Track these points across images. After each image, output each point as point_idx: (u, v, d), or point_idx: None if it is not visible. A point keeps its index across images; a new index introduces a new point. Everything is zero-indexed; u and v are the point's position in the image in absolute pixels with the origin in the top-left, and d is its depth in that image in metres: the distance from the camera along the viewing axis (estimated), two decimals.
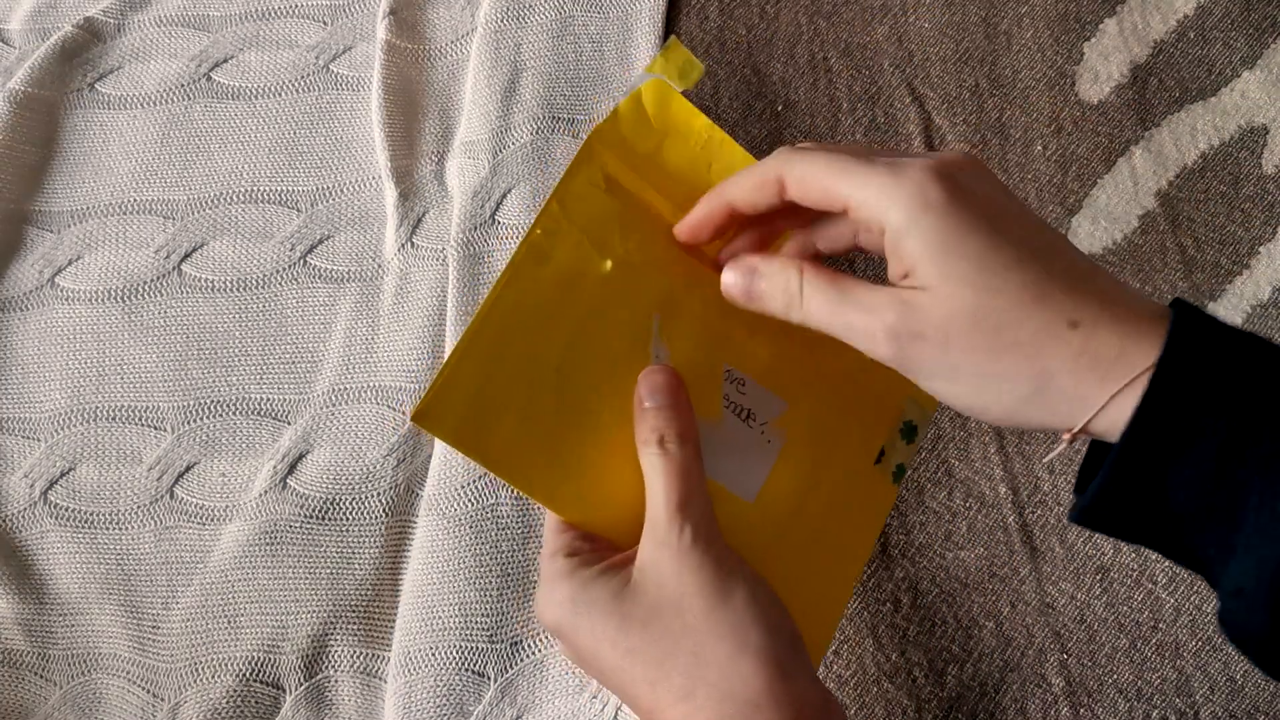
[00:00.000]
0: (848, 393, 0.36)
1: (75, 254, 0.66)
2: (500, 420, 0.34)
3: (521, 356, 0.34)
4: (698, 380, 0.35)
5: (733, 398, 0.35)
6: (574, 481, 0.35)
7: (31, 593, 0.58)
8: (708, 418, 0.35)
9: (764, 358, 0.36)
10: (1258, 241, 0.62)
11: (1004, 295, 0.29)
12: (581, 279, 0.34)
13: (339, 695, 0.56)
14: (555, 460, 0.34)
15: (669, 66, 0.36)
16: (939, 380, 0.30)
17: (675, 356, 0.35)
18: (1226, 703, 0.52)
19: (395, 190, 0.66)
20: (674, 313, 0.35)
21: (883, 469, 0.36)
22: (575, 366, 0.34)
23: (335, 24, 0.73)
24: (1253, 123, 0.65)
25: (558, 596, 0.34)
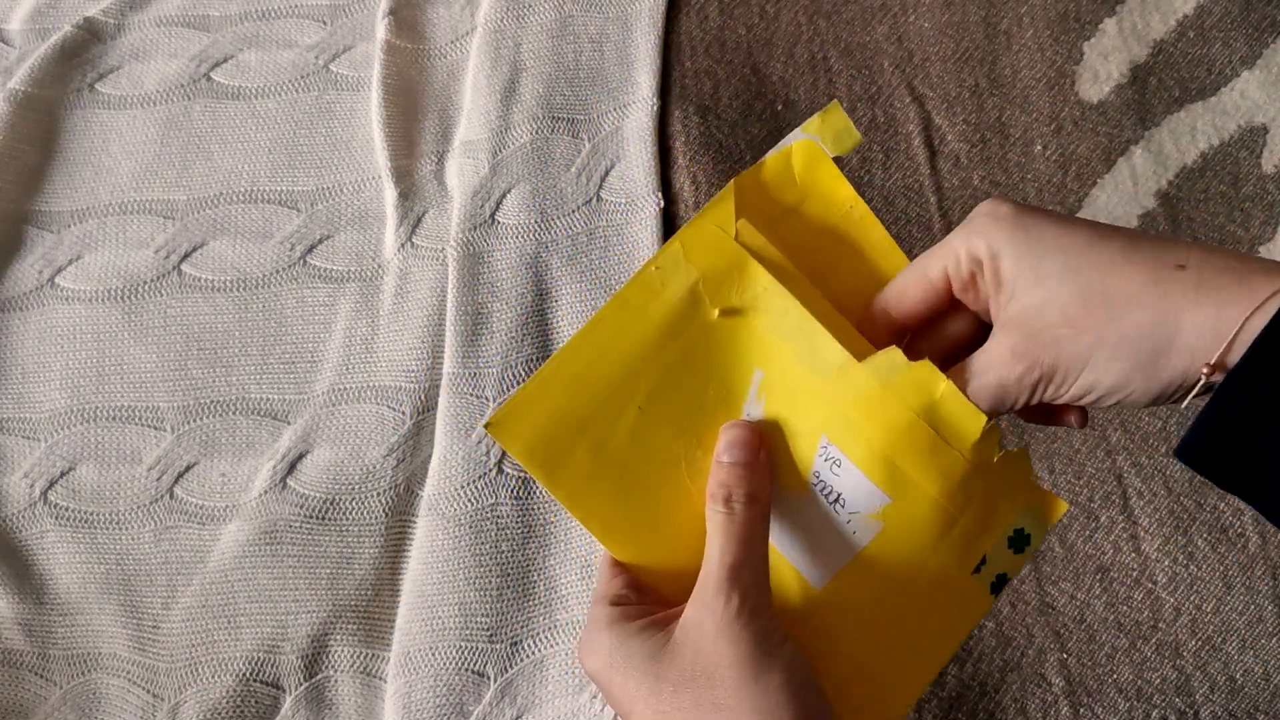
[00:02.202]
0: (963, 499, 0.33)
1: (75, 254, 0.66)
2: (574, 447, 0.33)
3: (607, 387, 0.33)
4: (787, 447, 0.33)
5: (824, 476, 0.33)
6: (633, 524, 0.34)
7: (31, 593, 0.58)
8: (789, 489, 0.33)
9: (874, 442, 0.32)
10: (1258, 241, 0.62)
11: (1100, 265, 0.30)
12: (687, 322, 0.33)
13: (339, 695, 0.56)
14: (619, 499, 0.34)
15: (825, 129, 0.34)
16: (1086, 374, 0.31)
17: (767, 418, 0.33)
18: (1226, 703, 0.52)
19: (395, 190, 0.66)
20: (780, 373, 0.33)
21: (981, 579, 0.33)
22: (659, 408, 0.33)
23: (335, 24, 0.73)
24: (1252, 122, 0.65)
25: (598, 645, 0.33)
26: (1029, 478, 0.34)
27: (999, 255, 0.31)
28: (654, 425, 0.33)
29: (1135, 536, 0.55)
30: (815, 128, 0.35)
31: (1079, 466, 0.57)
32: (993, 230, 0.32)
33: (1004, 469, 0.33)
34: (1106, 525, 0.56)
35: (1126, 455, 0.57)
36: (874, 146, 0.66)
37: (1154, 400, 0.31)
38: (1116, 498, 0.56)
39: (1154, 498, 0.56)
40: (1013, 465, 0.33)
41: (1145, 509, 0.56)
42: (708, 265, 0.33)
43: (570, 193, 0.65)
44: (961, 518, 0.33)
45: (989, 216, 0.32)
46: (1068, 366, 0.31)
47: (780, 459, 0.33)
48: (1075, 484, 0.57)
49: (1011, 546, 0.34)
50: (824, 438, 0.33)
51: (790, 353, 0.33)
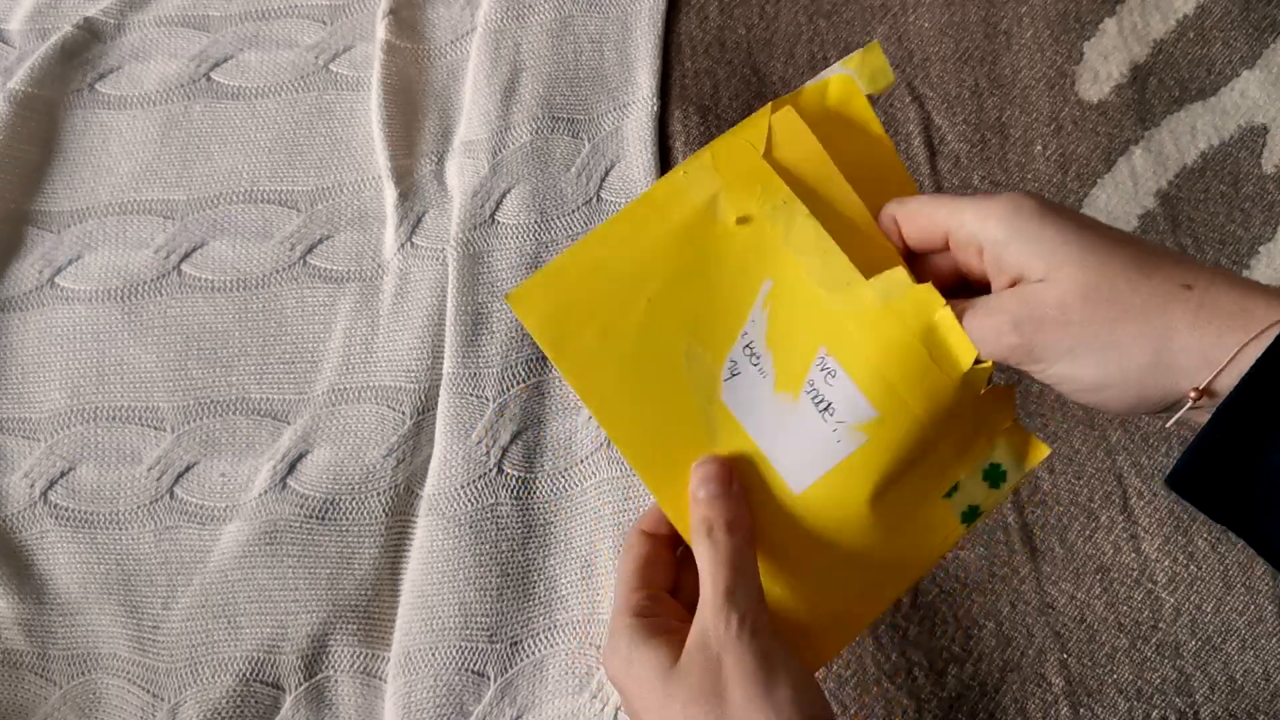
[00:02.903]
0: (944, 424, 0.34)
1: (75, 254, 0.66)
2: (583, 328, 0.35)
3: (622, 277, 0.35)
4: (788, 354, 0.34)
5: (818, 385, 0.34)
6: (631, 408, 0.35)
7: (31, 593, 0.58)
8: (785, 391, 0.34)
9: (870, 358, 0.34)
10: (1258, 241, 0.62)
11: (1112, 268, 0.30)
12: (705, 227, 0.35)
13: (339, 695, 0.56)
14: (620, 382, 0.35)
15: (863, 67, 0.36)
16: (1063, 363, 0.31)
17: (773, 324, 0.35)
18: (1226, 703, 0.52)
19: (395, 190, 0.66)
20: (789, 284, 0.34)
21: (952, 504, 0.35)
22: (669, 303, 0.35)
23: (335, 24, 0.73)
24: (1252, 122, 0.65)
25: (616, 653, 0.35)
26: (1011, 416, 0.35)
27: (1011, 243, 0.32)
28: (661, 318, 0.35)
29: (1135, 536, 0.55)
30: (854, 64, 0.36)
31: (1079, 467, 0.57)
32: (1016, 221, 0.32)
33: (988, 403, 0.34)
34: (1106, 525, 0.56)
35: (1126, 455, 0.57)
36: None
37: (1131, 410, 0.31)
38: (1116, 498, 0.56)
39: (1154, 498, 0.56)
40: (997, 401, 0.34)
41: (1145, 509, 0.56)
42: (733, 176, 0.35)
43: (570, 193, 0.65)
44: (940, 442, 0.34)
45: (1013, 209, 0.32)
46: (1055, 352, 0.31)
47: (780, 365, 0.34)
48: (1075, 484, 0.57)
49: (986, 479, 0.35)
50: (823, 349, 0.34)
51: (801, 265, 0.34)
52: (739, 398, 0.35)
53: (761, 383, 0.35)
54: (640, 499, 0.57)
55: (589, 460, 0.59)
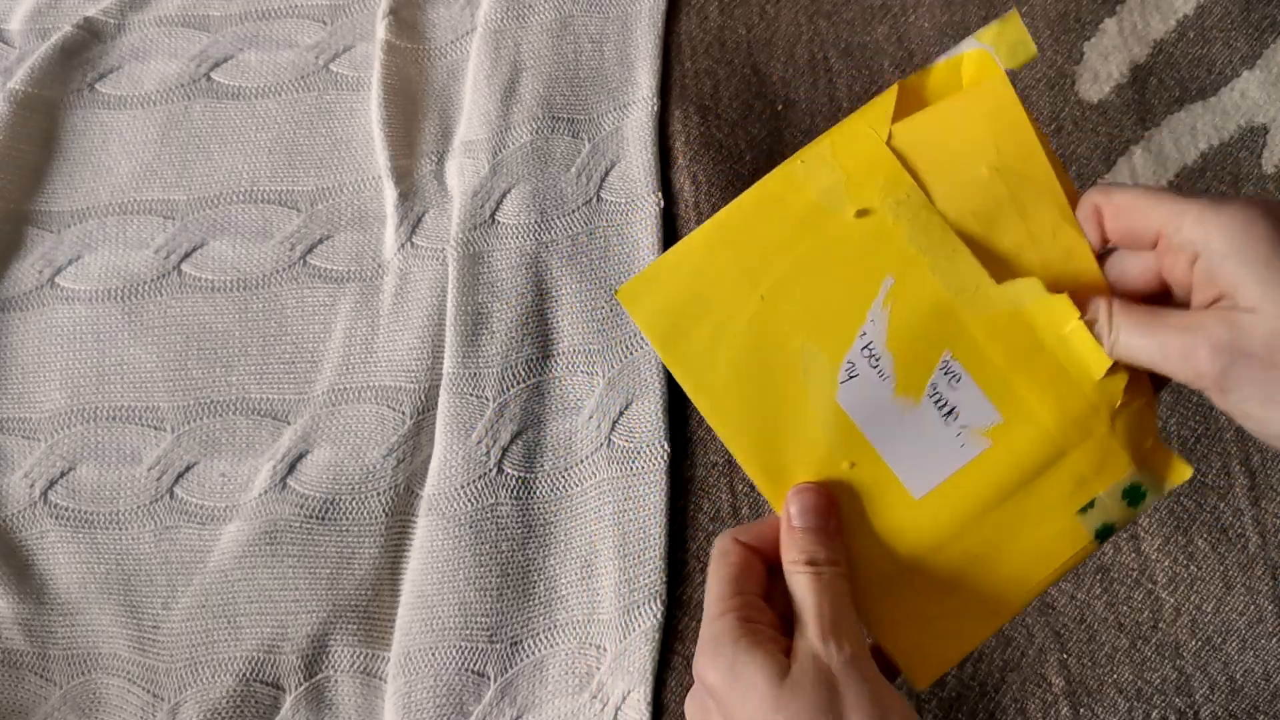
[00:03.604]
0: (1076, 435, 0.33)
1: (75, 254, 0.66)
2: (695, 325, 0.34)
3: (736, 272, 0.34)
4: (910, 357, 0.33)
5: (940, 388, 0.33)
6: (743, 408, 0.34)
7: (31, 593, 0.58)
8: (906, 396, 0.34)
9: (996, 363, 0.33)
10: None
11: None
12: (824, 219, 0.33)
13: (339, 695, 0.56)
14: (733, 382, 0.34)
15: (1000, 39, 0.33)
16: (1255, 404, 0.29)
17: (894, 325, 0.33)
18: (1226, 703, 0.52)
19: (395, 190, 0.66)
20: (912, 283, 0.33)
21: (1086, 520, 0.34)
22: (784, 300, 0.34)
23: (335, 24, 0.73)
24: (1253, 122, 0.65)
25: (721, 661, 0.33)
26: (1154, 433, 0.33)
27: (1229, 259, 0.30)
28: (776, 316, 0.34)
29: (1135, 536, 0.55)
30: (990, 37, 0.34)
31: None
32: (1241, 237, 0.30)
33: (1129, 418, 0.33)
34: None
35: None
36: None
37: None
38: None
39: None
40: (1138, 417, 0.33)
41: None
42: (853, 165, 0.33)
43: (570, 193, 0.65)
44: (1073, 453, 0.33)
45: (1242, 223, 0.30)
46: (1250, 390, 0.29)
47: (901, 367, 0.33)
48: None
49: (1125, 498, 0.34)
50: (947, 352, 0.33)
51: (926, 264, 0.33)
52: (857, 400, 0.34)
53: (881, 385, 0.34)
54: (640, 500, 0.57)
55: (589, 460, 0.59)
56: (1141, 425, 0.33)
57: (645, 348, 0.60)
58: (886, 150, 0.33)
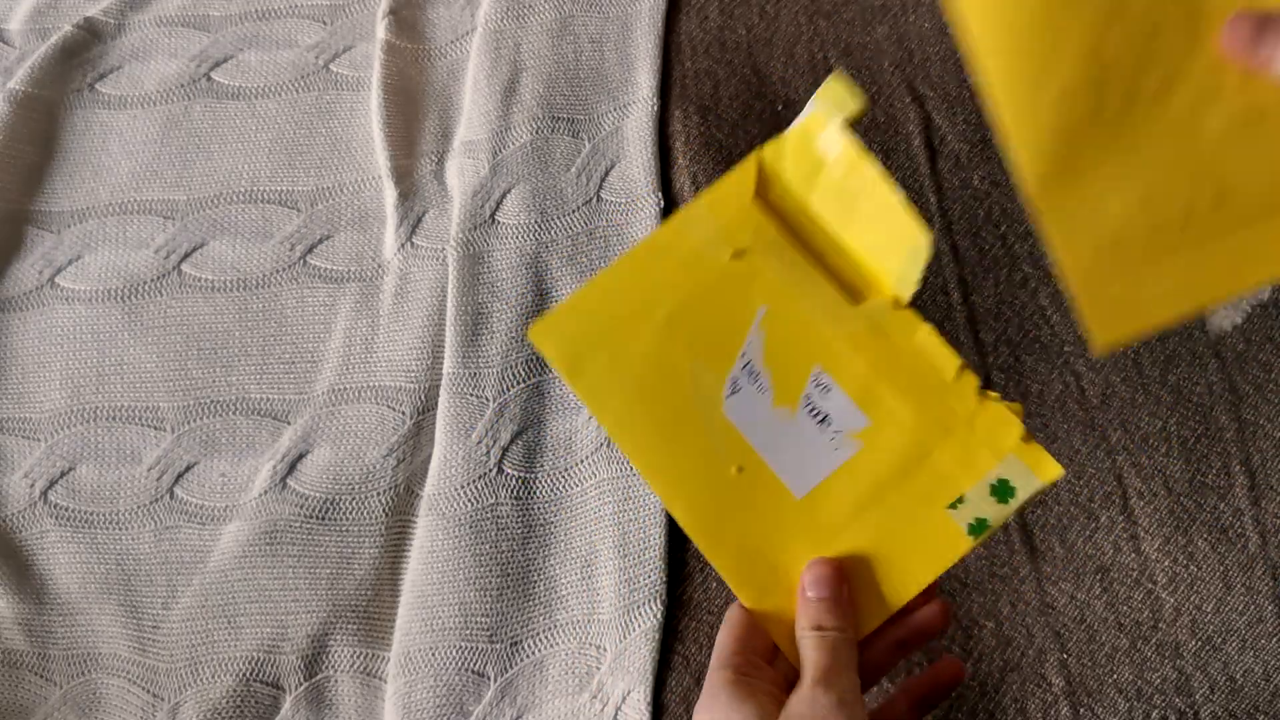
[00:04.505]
0: (938, 433, 0.37)
1: (75, 254, 0.66)
2: (596, 353, 0.39)
3: (630, 309, 0.39)
4: (785, 372, 0.38)
5: (814, 398, 0.38)
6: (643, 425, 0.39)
7: (31, 593, 0.58)
8: (783, 406, 0.38)
9: (860, 373, 0.37)
10: None
11: None
12: (704, 262, 0.39)
13: (339, 695, 0.56)
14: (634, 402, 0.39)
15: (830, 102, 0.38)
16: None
17: (769, 345, 0.38)
18: (1226, 703, 0.52)
19: (395, 190, 0.66)
20: (782, 310, 0.38)
21: (958, 515, 0.37)
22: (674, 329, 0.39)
23: (335, 24, 0.73)
24: None
25: (713, 707, 0.36)
26: (1018, 432, 0.36)
27: None
28: (667, 344, 0.39)
29: (1135, 536, 0.55)
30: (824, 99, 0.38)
31: (1079, 467, 0.57)
32: None
33: (988, 417, 0.36)
34: (1106, 525, 0.56)
35: (1126, 455, 0.57)
36: (874, 146, 0.66)
37: None
38: (1116, 498, 0.56)
39: (1154, 498, 0.56)
40: (999, 416, 0.36)
41: (1145, 509, 0.56)
42: (727, 218, 0.39)
43: (570, 193, 0.65)
44: (936, 450, 0.37)
45: None
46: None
47: (777, 381, 0.38)
48: (1075, 484, 0.57)
49: (994, 495, 0.36)
50: (817, 366, 0.38)
51: (793, 293, 0.38)
52: (741, 412, 0.38)
53: (761, 398, 0.38)
54: (640, 500, 0.57)
55: (589, 460, 0.59)
56: (1003, 423, 0.36)
57: None
58: (753, 205, 0.39)
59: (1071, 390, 0.58)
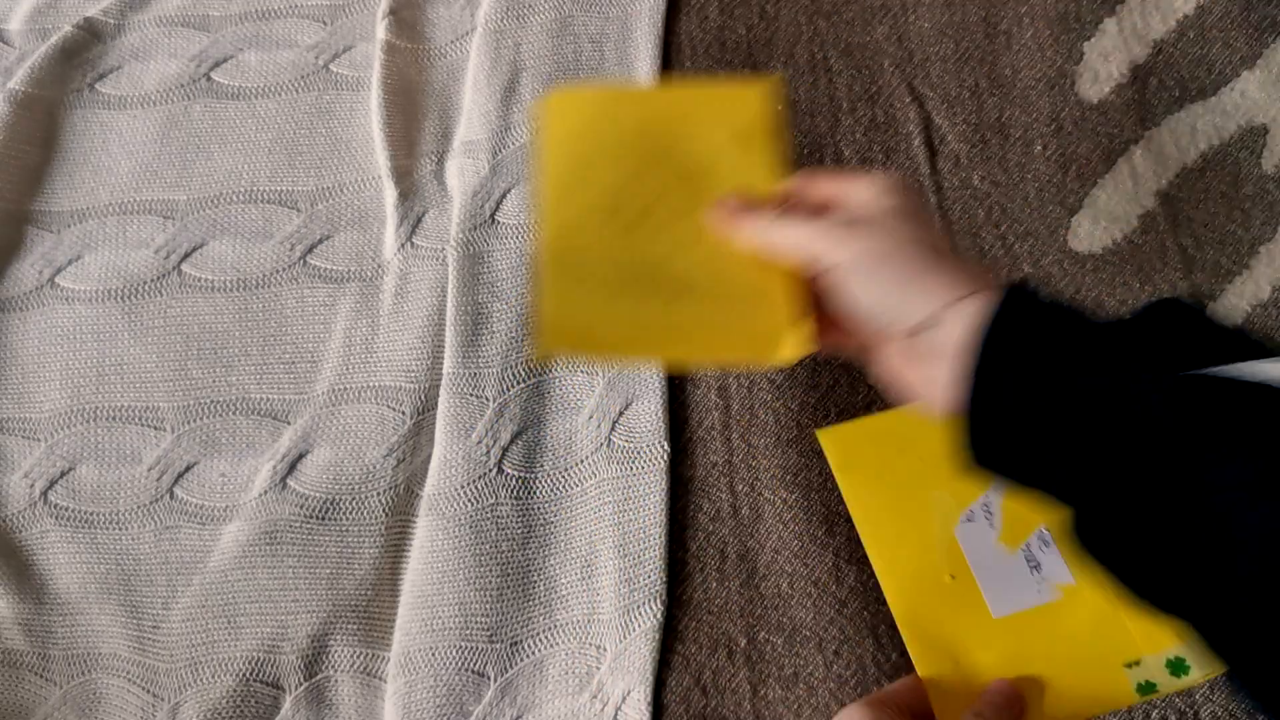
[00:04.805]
0: (1125, 604, 0.42)
1: (75, 254, 0.66)
2: (867, 463, 0.48)
3: (903, 442, 0.48)
4: (1016, 519, 0.46)
5: (1034, 548, 0.45)
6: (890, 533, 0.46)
7: (31, 593, 0.58)
8: (1005, 544, 0.45)
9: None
10: (1258, 241, 0.62)
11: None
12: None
13: (339, 695, 0.56)
14: (885, 509, 0.47)
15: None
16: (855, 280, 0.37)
17: (1008, 498, 0.46)
18: (1226, 703, 0.52)
19: (395, 190, 0.66)
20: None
21: (1131, 674, 0.42)
22: (934, 465, 0.47)
23: (335, 24, 0.73)
24: (1253, 122, 0.65)
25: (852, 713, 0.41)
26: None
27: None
28: (926, 472, 0.47)
29: None
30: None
31: None
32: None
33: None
34: None
35: None
36: (874, 146, 0.66)
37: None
38: None
39: None
40: None
41: None
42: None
43: None
44: (1127, 621, 0.43)
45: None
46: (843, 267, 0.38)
47: (1009, 526, 0.46)
48: None
49: (1169, 668, 0.42)
50: (1043, 525, 0.46)
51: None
52: (967, 535, 0.46)
53: (989, 531, 0.46)
54: (640, 500, 0.57)
55: (589, 460, 0.59)
56: None
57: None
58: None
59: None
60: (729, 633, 0.55)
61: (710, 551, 0.57)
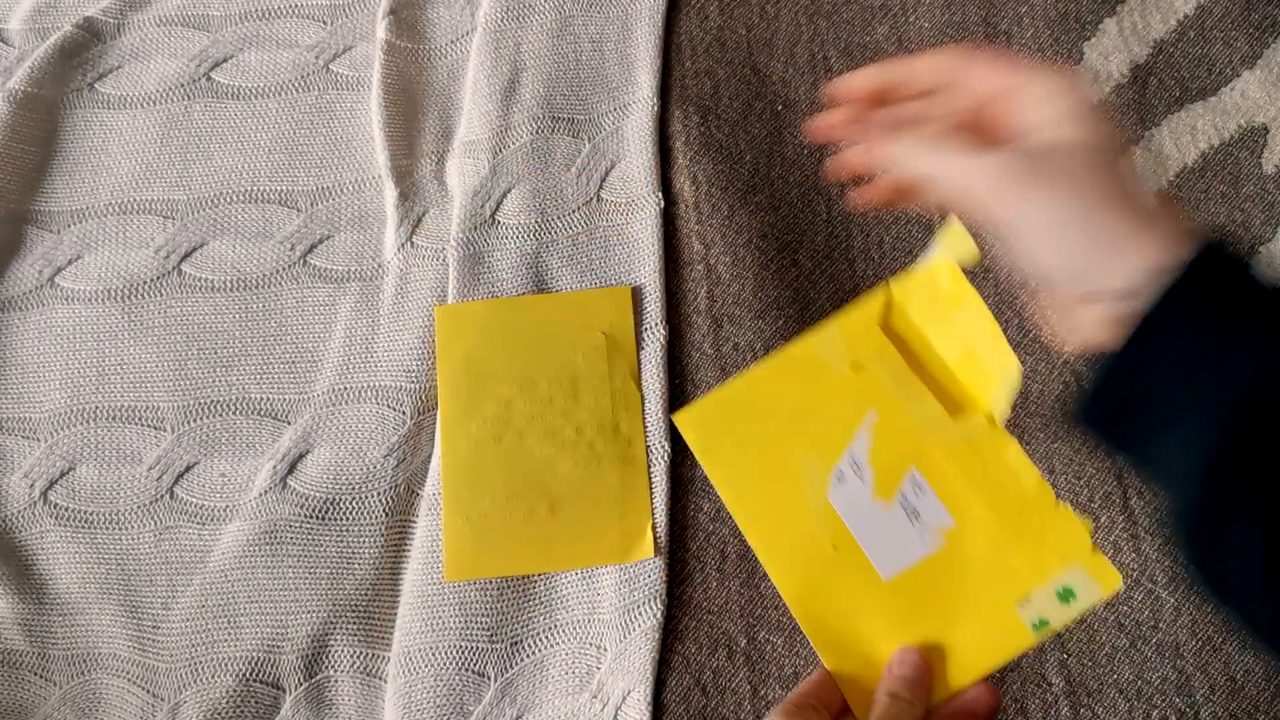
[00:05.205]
0: (1014, 539, 0.42)
1: (75, 254, 0.66)
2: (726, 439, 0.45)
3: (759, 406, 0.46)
4: (885, 469, 0.44)
5: (908, 495, 0.44)
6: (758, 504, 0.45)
7: (31, 593, 0.58)
8: (881, 498, 0.44)
9: (951, 479, 0.43)
10: (1258, 241, 0.62)
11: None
12: (828, 371, 0.45)
13: (339, 695, 0.56)
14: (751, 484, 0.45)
15: (949, 248, 0.43)
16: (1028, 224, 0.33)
17: (874, 445, 0.44)
18: (1226, 703, 0.52)
19: (395, 190, 0.66)
20: (889, 417, 0.44)
21: (1024, 612, 0.41)
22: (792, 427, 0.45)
23: (335, 24, 0.73)
24: (1253, 122, 0.65)
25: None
26: (1086, 544, 0.41)
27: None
28: (787, 437, 0.45)
29: (1135, 536, 0.55)
30: (944, 245, 0.43)
31: (1079, 467, 0.57)
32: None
33: (1060, 527, 0.41)
34: (1106, 525, 0.56)
35: None
36: None
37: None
38: (1116, 498, 0.56)
39: (1154, 498, 0.56)
40: (1070, 527, 0.41)
41: (1145, 509, 0.56)
42: (854, 339, 0.46)
43: (570, 193, 0.65)
44: (1011, 554, 0.42)
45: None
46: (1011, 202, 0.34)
47: (879, 476, 0.44)
48: (1075, 484, 0.57)
49: (1059, 598, 0.41)
50: (913, 467, 0.44)
51: (900, 405, 0.44)
52: (842, 499, 0.44)
53: (862, 489, 0.44)
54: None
55: None
56: (1072, 535, 0.41)
57: (644, 351, 0.61)
58: (878, 330, 0.45)
59: (1071, 390, 0.58)
60: (729, 633, 0.55)
61: (710, 551, 0.57)
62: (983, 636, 0.42)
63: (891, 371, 0.45)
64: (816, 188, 0.65)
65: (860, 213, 0.64)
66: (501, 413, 0.58)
